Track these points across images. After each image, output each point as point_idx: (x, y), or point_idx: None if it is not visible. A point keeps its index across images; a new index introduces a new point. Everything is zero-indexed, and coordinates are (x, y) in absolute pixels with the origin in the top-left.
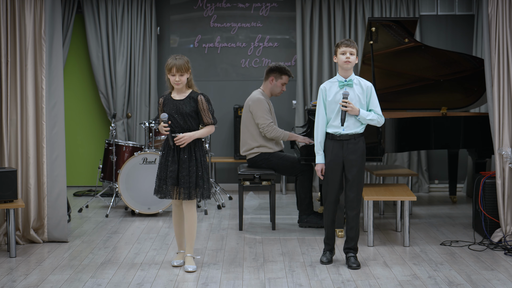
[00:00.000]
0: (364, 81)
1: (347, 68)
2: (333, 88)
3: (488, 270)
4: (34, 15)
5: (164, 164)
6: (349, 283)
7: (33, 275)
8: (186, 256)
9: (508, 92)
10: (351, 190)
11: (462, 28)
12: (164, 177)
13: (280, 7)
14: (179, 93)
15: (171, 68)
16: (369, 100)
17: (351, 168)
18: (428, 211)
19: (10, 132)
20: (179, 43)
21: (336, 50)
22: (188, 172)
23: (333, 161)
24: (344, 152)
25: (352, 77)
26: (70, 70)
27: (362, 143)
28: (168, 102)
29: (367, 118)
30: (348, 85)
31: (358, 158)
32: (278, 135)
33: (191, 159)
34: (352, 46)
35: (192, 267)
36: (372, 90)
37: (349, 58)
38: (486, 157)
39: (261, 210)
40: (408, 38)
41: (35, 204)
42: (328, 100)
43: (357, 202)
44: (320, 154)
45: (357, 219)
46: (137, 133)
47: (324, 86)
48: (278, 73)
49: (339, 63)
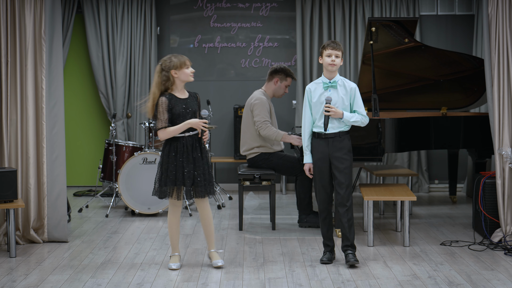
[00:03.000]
0: (349, 82)
1: (332, 70)
2: (318, 90)
3: (488, 270)
4: (34, 15)
5: (180, 165)
6: (349, 283)
7: (33, 275)
8: (211, 252)
9: (508, 92)
10: (340, 187)
11: (462, 28)
12: (181, 178)
13: (280, 7)
14: (181, 92)
15: (185, 61)
16: (353, 101)
17: (338, 165)
18: (428, 211)
19: (10, 132)
20: (179, 43)
21: (322, 52)
22: (202, 170)
23: (320, 159)
24: (330, 149)
25: (336, 78)
26: (70, 70)
27: (348, 141)
28: (176, 101)
29: (350, 120)
30: (332, 86)
31: (344, 155)
32: (270, 134)
33: (202, 157)
34: (338, 49)
35: (221, 261)
36: (356, 91)
37: (335, 60)
38: (486, 157)
39: (261, 210)
40: (408, 38)
41: (35, 204)
42: (313, 101)
43: (347, 198)
44: (307, 154)
45: (349, 214)
46: (137, 133)
47: (309, 87)
48: (283, 75)
49: (324, 64)
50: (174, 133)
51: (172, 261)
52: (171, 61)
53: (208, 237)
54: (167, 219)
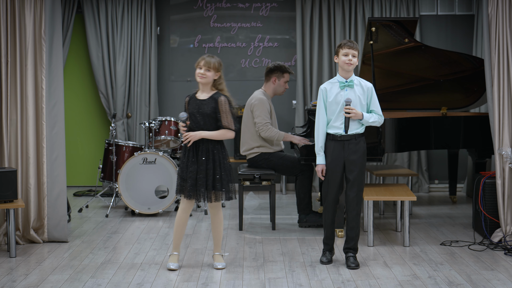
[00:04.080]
0: (365, 82)
1: (348, 70)
2: (334, 89)
3: (488, 270)
4: (34, 15)
5: (185, 163)
6: (349, 283)
7: (33, 275)
8: (215, 255)
9: (508, 92)
10: (351, 190)
11: (462, 28)
12: (185, 176)
13: (280, 7)
14: (203, 93)
15: (199, 62)
16: (370, 100)
17: (352, 168)
18: (428, 211)
19: (10, 132)
20: (179, 43)
21: (338, 51)
22: (205, 174)
23: (334, 161)
24: (345, 152)
25: (352, 77)
26: (70, 70)
27: (363, 143)
28: (192, 101)
29: (369, 120)
30: (349, 86)
31: (359, 158)
32: (272, 135)
33: (208, 161)
34: (355, 48)
35: (222, 264)
36: (372, 91)
37: (351, 60)
38: (486, 157)
39: (261, 210)
40: (408, 38)
41: (35, 204)
42: (329, 101)
43: (357, 202)
44: (321, 155)
45: (358, 219)
46: (137, 133)
47: (325, 87)
48: (279, 72)
49: (340, 64)
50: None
51: (171, 260)
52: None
53: (216, 239)
54: (176, 215)
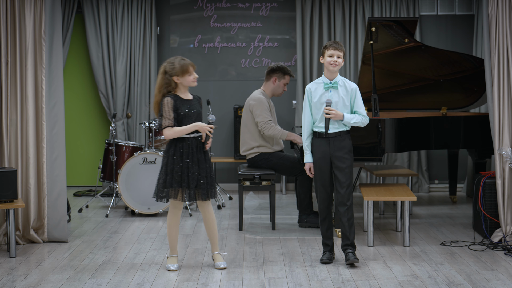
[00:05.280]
0: (349, 83)
1: (333, 71)
2: (319, 90)
3: (488, 270)
4: (34, 15)
5: (185, 167)
6: (349, 283)
7: (33, 275)
8: (215, 254)
9: (508, 92)
10: (340, 186)
11: (462, 28)
12: (186, 180)
13: (280, 7)
14: (185, 94)
15: (187, 68)
16: (354, 101)
17: (338, 164)
18: (428, 211)
19: (10, 132)
20: (179, 43)
21: (324, 52)
22: (205, 173)
23: (321, 158)
24: (330, 149)
25: (337, 78)
26: (70, 70)
27: (349, 140)
28: (181, 102)
29: (351, 122)
30: (333, 87)
31: (345, 154)
32: (275, 133)
33: (206, 159)
34: (340, 50)
35: (224, 264)
36: (356, 92)
37: (336, 61)
38: (486, 157)
39: (261, 210)
40: (408, 38)
41: (35, 204)
42: (314, 101)
43: (347, 197)
44: (308, 154)
45: (349, 213)
46: (137, 133)
47: (310, 87)
48: (281, 73)
49: (325, 65)
50: (181, 133)
51: (170, 262)
52: (174, 68)
53: (212, 239)
54: (167, 220)
